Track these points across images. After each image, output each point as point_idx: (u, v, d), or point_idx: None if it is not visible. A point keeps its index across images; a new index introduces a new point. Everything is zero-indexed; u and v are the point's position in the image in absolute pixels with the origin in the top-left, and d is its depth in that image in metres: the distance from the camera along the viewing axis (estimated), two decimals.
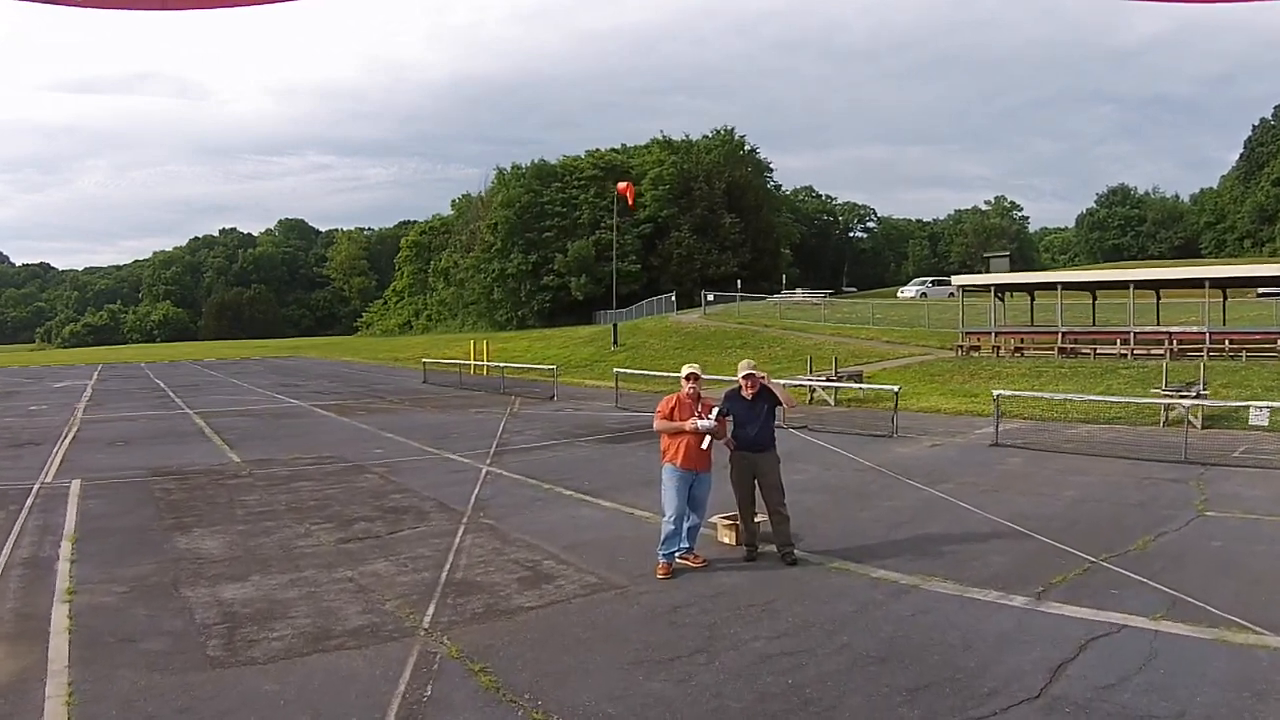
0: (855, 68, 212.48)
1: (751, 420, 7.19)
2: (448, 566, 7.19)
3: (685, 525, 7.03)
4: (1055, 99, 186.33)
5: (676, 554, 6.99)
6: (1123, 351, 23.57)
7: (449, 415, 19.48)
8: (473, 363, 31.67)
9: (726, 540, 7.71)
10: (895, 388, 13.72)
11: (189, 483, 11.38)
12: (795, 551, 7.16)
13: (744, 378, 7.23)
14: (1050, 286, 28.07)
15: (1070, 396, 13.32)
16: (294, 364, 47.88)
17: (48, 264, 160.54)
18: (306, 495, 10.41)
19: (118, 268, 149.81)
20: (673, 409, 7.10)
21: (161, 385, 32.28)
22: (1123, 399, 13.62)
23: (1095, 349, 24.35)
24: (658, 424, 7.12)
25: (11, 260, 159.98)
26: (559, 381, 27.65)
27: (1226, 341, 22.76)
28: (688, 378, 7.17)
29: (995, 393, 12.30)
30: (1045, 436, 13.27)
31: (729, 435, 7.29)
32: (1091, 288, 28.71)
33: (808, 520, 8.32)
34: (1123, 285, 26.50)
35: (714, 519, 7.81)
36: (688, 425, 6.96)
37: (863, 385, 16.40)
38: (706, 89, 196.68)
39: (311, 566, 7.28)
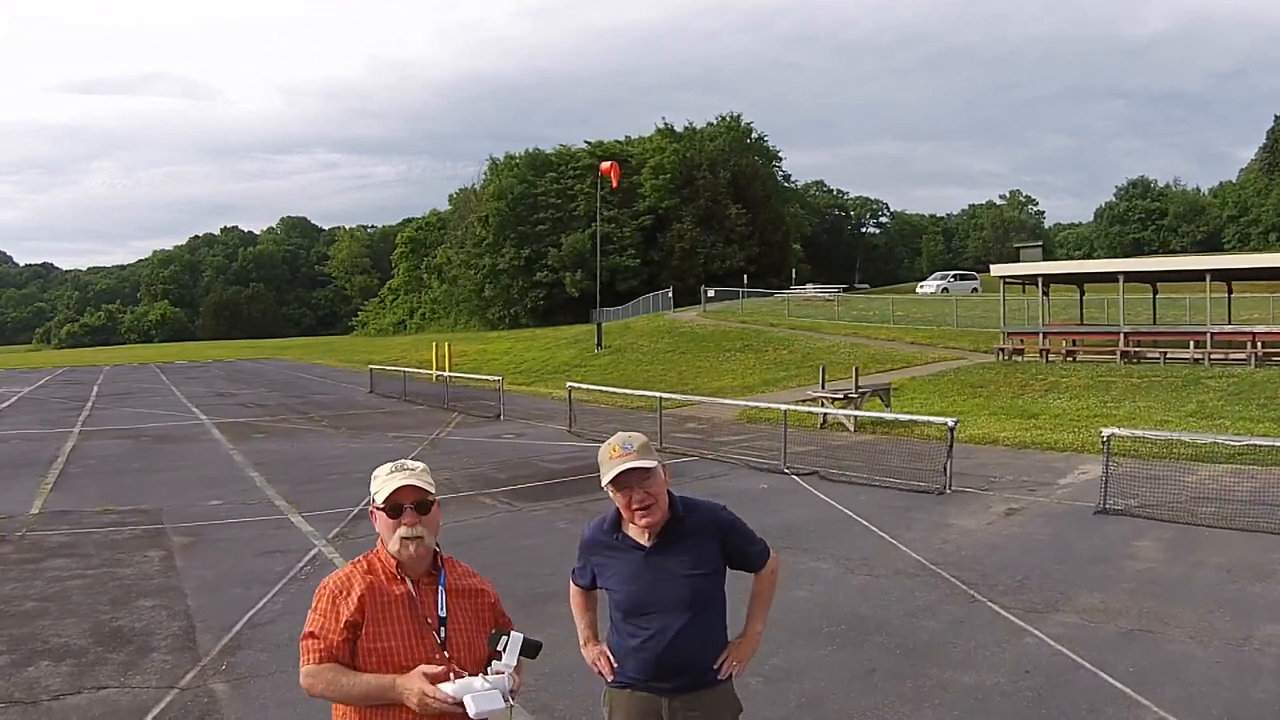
0: (864, 63, 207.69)
1: (659, 605, 2.50)
2: None
3: None
4: (1065, 94, 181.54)
5: None
6: (1196, 355, 19.48)
7: (358, 441, 15.40)
8: (434, 371, 27.64)
9: None
10: (950, 421, 9.12)
11: None
12: None
13: (616, 481, 2.46)
14: (1109, 278, 23.74)
15: (1220, 438, 8.91)
16: (255, 367, 44.02)
17: (50, 264, 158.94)
18: (38, 588, 6.88)
19: (121, 267, 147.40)
20: (350, 623, 2.13)
21: (91, 394, 28.75)
22: None
23: (1165, 353, 20.17)
24: (306, 673, 2.12)
25: (15, 261, 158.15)
26: (523, 392, 23.81)
27: None
28: (389, 506, 2.26)
29: (1105, 432, 7.89)
30: (1161, 491, 9.01)
31: (602, 649, 2.66)
32: (1153, 279, 24.34)
33: None
34: (1196, 275, 22.19)
35: None
36: (411, 696, 2.02)
37: (898, 415, 11.81)
38: (715, 85, 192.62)
39: None
